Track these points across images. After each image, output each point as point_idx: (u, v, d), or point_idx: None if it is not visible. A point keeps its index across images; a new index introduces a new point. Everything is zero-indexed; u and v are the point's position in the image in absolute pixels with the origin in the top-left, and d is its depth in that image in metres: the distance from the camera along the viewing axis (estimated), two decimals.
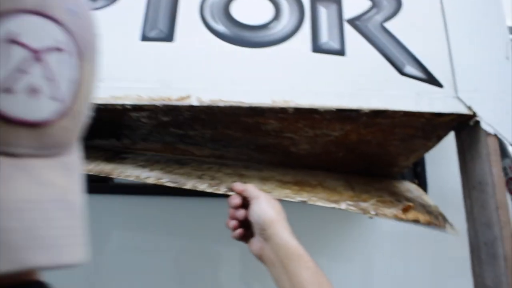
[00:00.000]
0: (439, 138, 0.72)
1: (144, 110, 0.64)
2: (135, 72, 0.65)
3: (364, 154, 0.83)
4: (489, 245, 0.62)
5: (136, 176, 0.71)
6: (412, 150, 0.79)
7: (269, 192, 0.72)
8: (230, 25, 0.69)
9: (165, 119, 0.67)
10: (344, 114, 0.64)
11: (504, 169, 0.98)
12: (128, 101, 0.63)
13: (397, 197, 0.80)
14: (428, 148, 0.77)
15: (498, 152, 0.64)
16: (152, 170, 0.74)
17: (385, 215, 0.70)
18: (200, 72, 0.65)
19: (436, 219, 0.75)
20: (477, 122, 0.64)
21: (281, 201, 0.64)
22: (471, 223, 0.66)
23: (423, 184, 1.08)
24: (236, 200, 0.63)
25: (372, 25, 0.69)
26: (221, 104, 0.62)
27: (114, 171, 0.72)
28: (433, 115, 0.63)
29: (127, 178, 0.70)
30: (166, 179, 0.71)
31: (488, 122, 0.63)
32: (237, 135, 0.73)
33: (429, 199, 0.87)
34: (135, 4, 0.69)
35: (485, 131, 0.63)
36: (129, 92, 0.63)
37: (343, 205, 0.70)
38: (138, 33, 0.67)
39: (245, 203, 0.63)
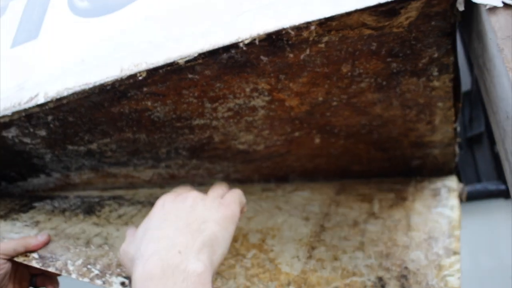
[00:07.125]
0: (433, 61, 0.39)
1: (7, 126, 0.52)
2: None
3: (342, 134, 0.53)
4: None
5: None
6: (410, 104, 0.46)
7: None
8: None
9: (41, 133, 0.53)
10: (228, 56, 0.39)
11: None
12: None
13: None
14: (436, 92, 0.44)
15: None
16: (39, 227, 0.60)
17: None
18: (53, 63, 0.50)
19: None
20: None
21: None
22: None
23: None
24: None
25: None
26: (66, 93, 0.46)
27: None
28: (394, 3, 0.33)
29: None
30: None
31: None
32: (140, 137, 0.54)
33: None
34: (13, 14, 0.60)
35: None
36: None
37: None
38: (10, 41, 0.58)
39: None
